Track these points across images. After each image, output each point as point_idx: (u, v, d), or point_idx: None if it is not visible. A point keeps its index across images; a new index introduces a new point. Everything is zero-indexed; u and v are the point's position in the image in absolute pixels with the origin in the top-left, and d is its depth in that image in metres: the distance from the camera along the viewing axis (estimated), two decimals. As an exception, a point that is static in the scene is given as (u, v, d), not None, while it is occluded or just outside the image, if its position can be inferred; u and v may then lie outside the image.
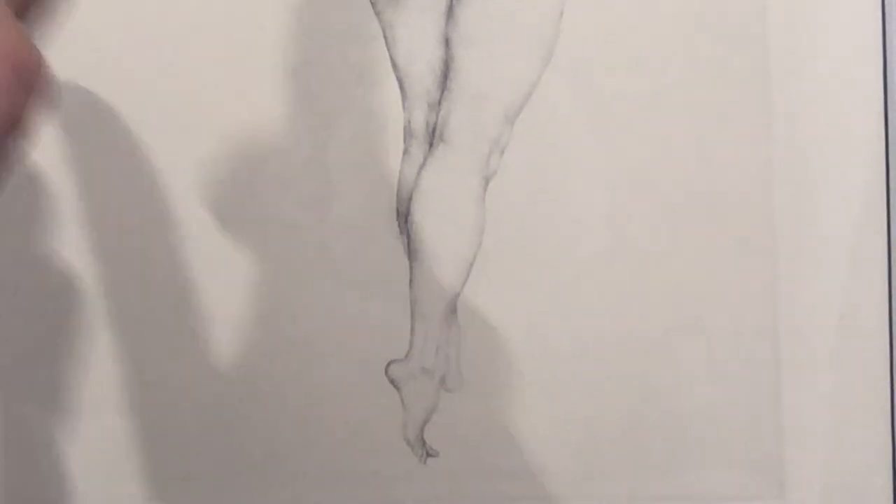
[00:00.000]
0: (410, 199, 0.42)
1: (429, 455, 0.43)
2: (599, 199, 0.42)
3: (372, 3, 0.42)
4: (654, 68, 0.42)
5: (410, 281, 0.43)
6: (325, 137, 0.42)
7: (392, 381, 0.43)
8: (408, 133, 0.42)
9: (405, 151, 0.42)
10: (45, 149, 0.43)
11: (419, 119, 0.42)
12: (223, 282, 0.43)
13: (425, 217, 0.42)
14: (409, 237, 0.42)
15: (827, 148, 0.42)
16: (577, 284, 0.42)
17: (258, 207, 0.43)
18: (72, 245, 0.43)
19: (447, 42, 0.42)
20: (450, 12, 0.42)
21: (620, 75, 0.42)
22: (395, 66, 0.42)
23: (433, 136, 0.42)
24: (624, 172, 0.42)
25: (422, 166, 0.42)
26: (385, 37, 0.42)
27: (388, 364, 0.43)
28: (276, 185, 0.42)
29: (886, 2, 0.42)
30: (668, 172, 0.42)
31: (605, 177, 0.42)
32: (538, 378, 0.42)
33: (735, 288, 0.42)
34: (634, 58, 0.42)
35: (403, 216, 0.42)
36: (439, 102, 0.42)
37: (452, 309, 0.43)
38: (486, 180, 0.42)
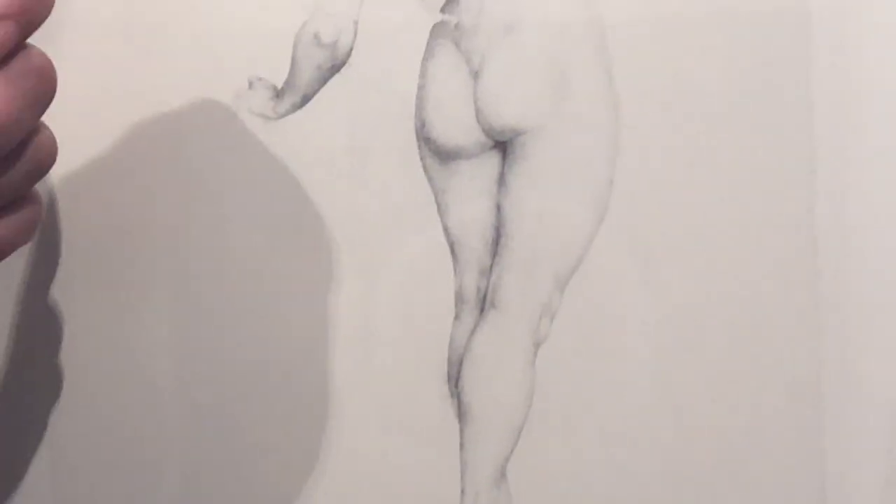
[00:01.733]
0: (461, 363, 0.43)
1: None
2: (646, 354, 0.42)
3: (424, 168, 0.43)
4: (704, 223, 0.42)
5: (461, 444, 0.43)
6: (370, 284, 0.43)
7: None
8: (459, 298, 0.43)
9: (456, 317, 0.43)
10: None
11: (470, 285, 0.43)
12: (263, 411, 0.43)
13: (476, 382, 0.42)
14: (459, 400, 0.43)
15: (869, 299, 0.43)
16: (625, 441, 0.43)
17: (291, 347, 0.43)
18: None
19: (498, 208, 0.43)
20: (501, 179, 0.43)
21: (673, 231, 0.42)
22: (446, 231, 0.43)
23: (484, 302, 0.43)
24: (672, 327, 0.42)
25: (472, 332, 0.43)
26: (437, 202, 0.43)
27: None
28: (313, 323, 0.43)
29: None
30: (715, 324, 0.42)
31: (653, 331, 0.42)
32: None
33: (781, 437, 0.43)
34: (685, 213, 0.42)
35: (454, 380, 0.43)
36: (490, 268, 0.43)
37: (502, 472, 0.43)
38: (537, 345, 0.42)
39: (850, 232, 0.43)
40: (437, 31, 0.42)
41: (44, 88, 0.32)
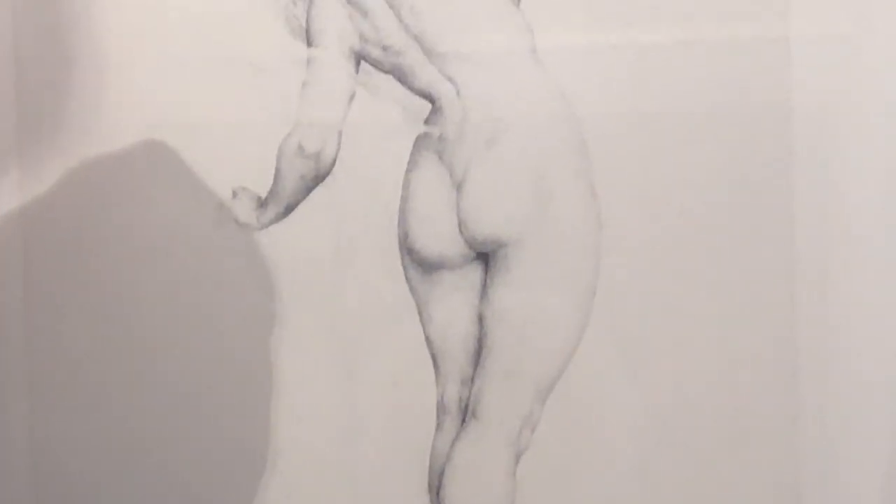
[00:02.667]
0: (443, 473, 0.43)
1: None
2: (628, 461, 0.43)
3: (407, 279, 0.43)
4: (687, 323, 0.42)
5: (442, 553, 0.43)
6: (351, 394, 0.43)
7: None
8: (441, 408, 0.43)
9: (438, 426, 0.43)
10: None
11: (452, 394, 0.43)
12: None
13: (458, 492, 0.43)
14: (440, 509, 0.43)
15: (848, 401, 0.43)
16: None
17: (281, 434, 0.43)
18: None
19: (481, 319, 0.43)
20: (483, 290, 0.43)
21: (657, 334, 0.42)
22: (428, 341, 0.43)
23: (466, 412, 0.43)
24: (655, 431, 0.42)
25: (454, 441, 0.43)
26: (419, 313, 0.43)
27: None
28: (298, 413, 0.43)
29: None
30: (697, 415, 0.43)
31: (635, 439, 0.43)
32: None
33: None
34: (669, 315, 0.42)
35: (436, 490, 0.43)
36: (472, 378, 0.43)
37: (483, 581, 0.43)
38: (518, 456, 0.43)
39: (830, 331, 0.43)
40: (420, 142, 0.43)
41: None
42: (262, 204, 0.43)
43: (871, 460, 0.43)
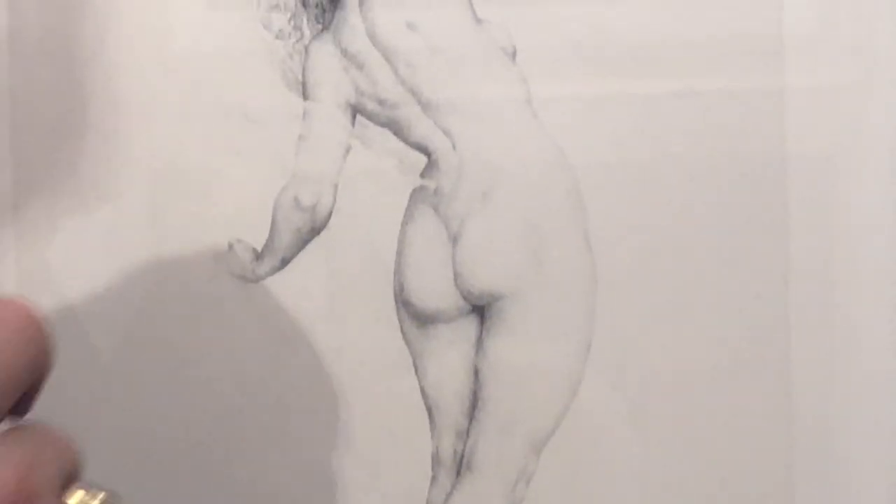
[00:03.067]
0: (438, 527, 0.43)
1: None
2: (632, 496, 0.43)
3: (402, 331, 0.43)
4: (683, 380, 0.43)
5: None
6: (346, 445, 0.43)
7: None
8: (435, 461, 0.43)
9: (433, 479, 0.43)
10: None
11: (447, 447, 0.43)
12: None
13: (452, 545, 0.43)
14: (435, 563, 0.43)
15: (851, 467, 0.43)
16: None
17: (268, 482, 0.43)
18: None
19: (476, 372, 0.43)
20: (479, 343, 0.43)
21: (652, 390, 0.43)
22: (423, 393, 0.43)
23: (460, 465, 0.43)
24: (655, 467, 0.43)
25: (449, 494, 0.43)
26: (415, 365, 0.43)
27: None
28: (287, 463, 0.43)
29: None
30: (698, 462, 0.43)
31: (635, 474, 0.43)
32: None
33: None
34: (664, 372, 0.43)
35: (431, 543, 0.43)
36: (467, 431, 0.43)
37: None
38: (513, 508, 0.43)
39: (826, 379, 0.43)
40: (416, 195, 0.43)
41: None
42: (258, 256, 0.43)
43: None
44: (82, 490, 0.31)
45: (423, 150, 0.43)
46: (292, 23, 0.43)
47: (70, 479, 0.31)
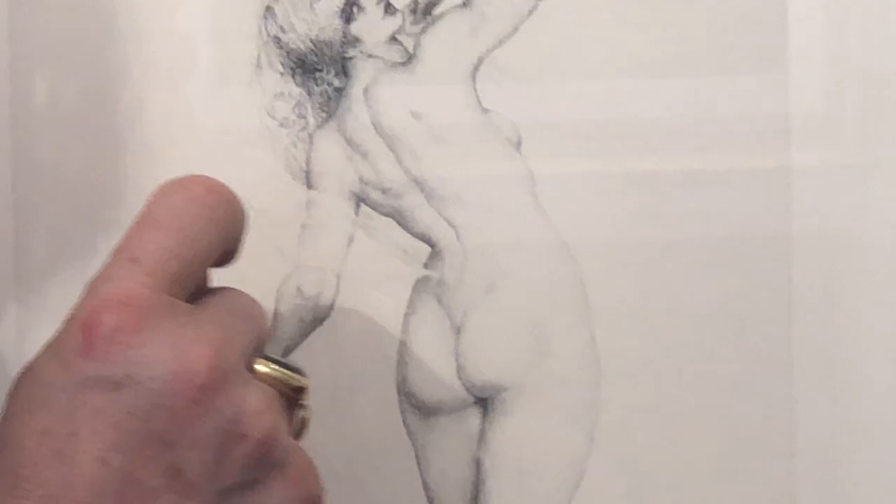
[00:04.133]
0: None
1: None
2: None
3: (404, 423, 0.43)
4: (686, 480, 0.42)
5: None
6: None
7: None
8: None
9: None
10: None
11: (449, 540, 0.43)
12: None
13: None
14: None
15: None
16: None
17: None
18: None
19: (478, 464, 0.43)
20: (481, 435, 0.43)
21: (652, 491, 0.42)
22: (425, 486, 0.43)
23: (462, 558, 0.43)
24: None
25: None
26: (417, 457, 0.43)
27: None
28: None
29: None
30: None
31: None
32: None
33: None
34: (666, 470, 0.42)
35: None
36: (469, 524, 0.43)
37: None
38: None
39: (832, 465, 0.43)
40: (419, 286, 0.43)
41: None
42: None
43: None
44: (270, 361, 0.32)
45: (426, 240, 0.43)
46: (297, 111, 0.42)
47: (259, 349, 0.33)
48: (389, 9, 0.42)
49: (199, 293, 0.33)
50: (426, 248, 0.43)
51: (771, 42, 0.43)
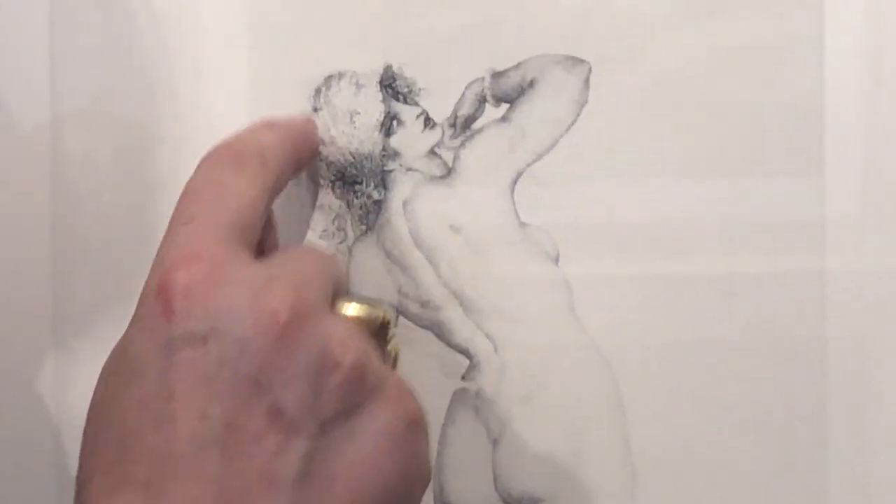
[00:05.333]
0: None
1: None
2: None
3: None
4: None
5: None
6: None
7: None
8: None
9: None
10: None
11: None
12: None
13: None
14: None
15: None
16: None
17: None
18: None
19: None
20: None
21: None
22: None
23: None
24: None
25: None
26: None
27: None
28: None
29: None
30: None
31: None
32: None
33: None
34: None
35: None
36: None
37: None
38: None
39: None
40: (457, 397, 0.43)
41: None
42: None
43: None
44: (352, 300, 0.34)
45: (465, 352, 0.43)
46: (336, 223, 0.43)
47: (338, 293, 0.34)
48: (429, 123, 0.43)
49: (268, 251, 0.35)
50: (464, 361, 0.43)
51: (807, 144, 0.43)
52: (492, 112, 0.43)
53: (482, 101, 0.43)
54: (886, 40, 0.43)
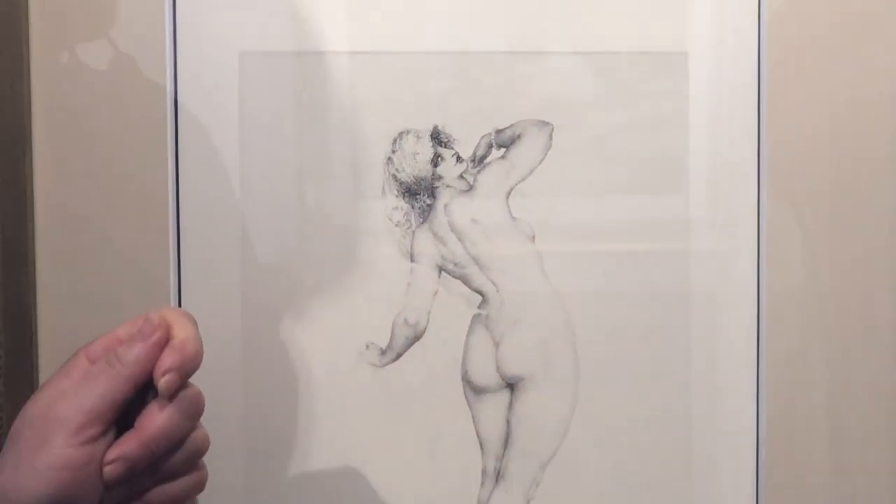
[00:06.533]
0: (484, 511, 0.74)
1: None
2: (598, 493, 0.74)
3: (465, 398, 0.74)
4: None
5: (483, 558, 0.74)
6: (431, 458, 0.74)
7: None
8: (484, 473, 0.74)
9: (482, 484, 0.74)
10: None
11: (490, 466, 0.74)
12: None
13: (493, 522, 0.74)
14: (482, 532, 0.74)
15: None
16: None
17: None
18: None
19: (508, 422, 0.74)
20: (510, 405, 0.74)
21: (615, 418, 0.74)
22: (478, 434, 0.74)
23: (497, 475, 0.74)
24: (615, 473, 0.74)
25: (490, 493, 0.74)
26: (472, 417, 0.74)
27: None
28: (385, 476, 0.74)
29: None
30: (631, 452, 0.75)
31: (602, 476, 0.74)
32: None
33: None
34: (627, 406, 0.74)
35: (480, 520, 0.74)
36: (502, 456, 0.74)
37: (506, 574, 0.74)
38: (528, 501, 0.74)
39: None
40: (475, 319, 0.74)
41: (197, 410, 0.52)
42: (382, 353, 0.74)
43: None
44: None
45: (479, 292, 0.74)
46: (405, 218, 0.74)
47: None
48: (459, 159, 0.74)
49: None
50: (479, 297, 0.74)
51: (678, 176, 0.75)
52: (496, 153, 0.74)
53: (490, 146, 0.74)
54: (729, 115, 0.75)
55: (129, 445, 0.49)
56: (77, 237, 0.71)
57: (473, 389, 0.74)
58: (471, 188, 0.74)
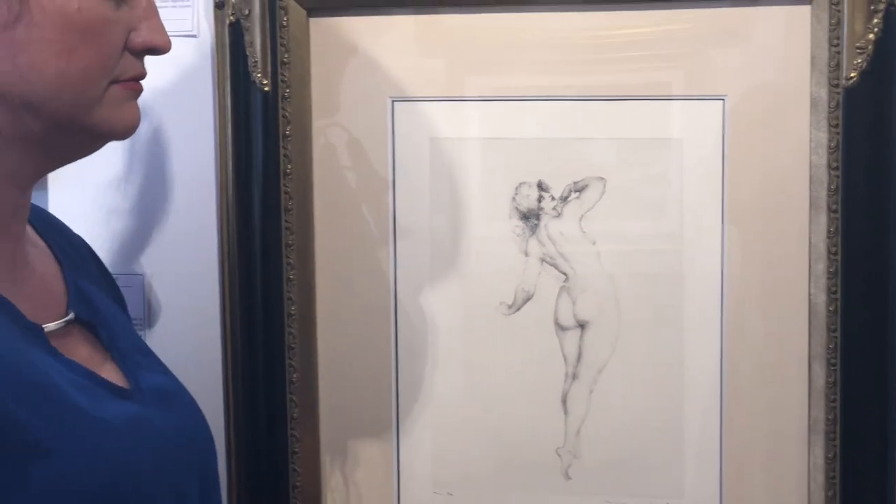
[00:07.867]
0: (566, 397, 1.33)
1: None
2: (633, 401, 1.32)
3: (556, 335, 1.33)
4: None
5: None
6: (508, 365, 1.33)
7: None
8: (566, 375, 1.32)
9: (564, 379, 1.33)
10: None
11: (570, 371, 1.32)
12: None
13: (574, 404, 1.33)
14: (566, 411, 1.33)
15: None
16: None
17: None
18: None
19: (580, 348, 1.32)
20: (581, 337, 1.32)
21: (650, 352, 1.31)
22: (562, 354, 1.32)
23: (573, 377, 1.32)
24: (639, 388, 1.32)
25: (568, 387, 1.32)
26: (559, 343, 1.32)
27: None
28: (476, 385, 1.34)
29: None
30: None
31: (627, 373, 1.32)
32: None
33: None
34: (659, 348, 1.31)
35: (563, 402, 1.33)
36: (577, 359, 1.32)
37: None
38: (591, 390, 1.32)
39: None
40: (561, 289, 1.31)
41: None
42: (509, 307, 1.31)
43: None
44: None
45: (564, 273, 1.32)
46: (522, 232, 1.31)
47: None
48: (553, 199, 1.31)
49: None
50: (563, 276, 1.32)
51: (673, 206, 1.31)
52: (574, 195, 1.31)
53: (571, 191, 1.31)
54: (705, 173, 1.28)
55: None
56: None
57: (560, 327, 1.32)
58: (559, 215, 1.31)
